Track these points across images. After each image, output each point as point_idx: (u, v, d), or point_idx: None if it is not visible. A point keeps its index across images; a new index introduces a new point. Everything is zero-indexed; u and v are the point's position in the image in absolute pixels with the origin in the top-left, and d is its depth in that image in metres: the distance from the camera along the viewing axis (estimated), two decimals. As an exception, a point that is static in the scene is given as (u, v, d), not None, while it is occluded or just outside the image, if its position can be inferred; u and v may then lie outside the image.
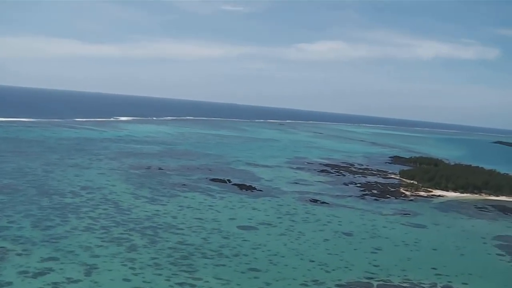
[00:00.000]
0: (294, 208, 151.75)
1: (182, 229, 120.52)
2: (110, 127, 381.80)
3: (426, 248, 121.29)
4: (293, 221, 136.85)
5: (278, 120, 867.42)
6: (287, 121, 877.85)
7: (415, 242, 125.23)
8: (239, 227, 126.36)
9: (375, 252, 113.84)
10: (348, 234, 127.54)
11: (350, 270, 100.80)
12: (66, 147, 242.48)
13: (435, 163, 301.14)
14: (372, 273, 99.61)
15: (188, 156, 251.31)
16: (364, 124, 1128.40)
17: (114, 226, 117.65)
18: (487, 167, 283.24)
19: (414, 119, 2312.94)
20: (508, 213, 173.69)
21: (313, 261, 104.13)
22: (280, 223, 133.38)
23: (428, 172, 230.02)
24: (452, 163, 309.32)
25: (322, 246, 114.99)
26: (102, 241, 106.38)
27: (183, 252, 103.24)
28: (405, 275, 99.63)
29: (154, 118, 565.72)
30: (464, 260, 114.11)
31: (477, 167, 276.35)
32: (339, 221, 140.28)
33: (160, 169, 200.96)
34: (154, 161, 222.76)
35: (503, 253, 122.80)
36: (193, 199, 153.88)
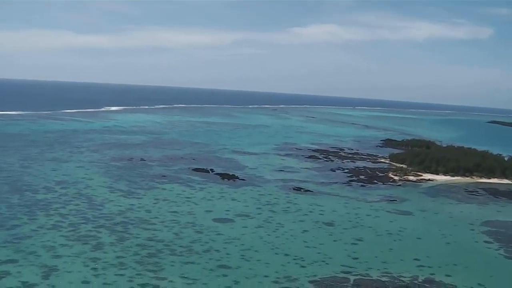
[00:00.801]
0: (275, 198, 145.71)
1: (154, 224, 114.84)
2: (99, 118, 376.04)
3: (410, 237, 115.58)
4: (273, 211, 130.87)
5: (271, 105, 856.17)
6: (281, 106, 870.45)
7: (399, 231, 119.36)
8: (215, 219, 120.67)
9: (356, 243, 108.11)
10: (329, 224, 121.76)
11: (327, 264, 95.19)
12: (49, 140, 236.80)
13: (427, 145, 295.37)
14: (350, 267, 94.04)
15: (173, 145, 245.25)
16: (359, 107, 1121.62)
17: (83, 223, 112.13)
18: (480, 148, 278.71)
19: (410, 101, 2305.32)
20: (499, 197, 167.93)
21: (288, 255, 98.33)
22: (258, 214, 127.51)
23: (419, 155, 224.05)
24: (445, 145, 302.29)
25: (300, 238, 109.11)
26: (67, 240, 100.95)
27: (151, 250, 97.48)
28: (385, 268, 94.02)
29: (145, 107, 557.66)
30: (449, 250, 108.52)
31: (470, 148, 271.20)
32: (321, 210, 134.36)
33: (142, 160, 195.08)
34: (138, 151, 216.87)
35: (491, 240, 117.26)
36: (171, 191, 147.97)
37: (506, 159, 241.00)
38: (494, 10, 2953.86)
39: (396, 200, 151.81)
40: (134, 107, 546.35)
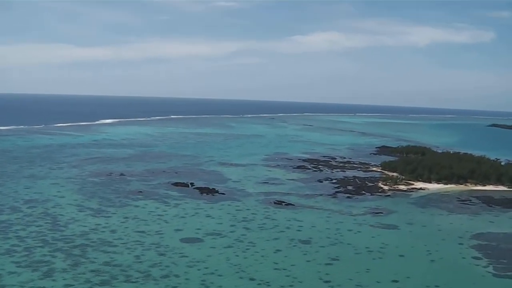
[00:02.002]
0: (253, 213, 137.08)
1: (116, 246, 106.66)
2: (90, 131, 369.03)
3: (392, 255, 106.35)
4: (247, 229, 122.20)
5: (269, 114, 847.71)
6: (279, 114, 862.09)
7: (381, 248, 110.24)
8: (182, 239, 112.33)
9: (331, 264, 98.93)
10: (306, 242, 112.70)
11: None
12: (32, 156, 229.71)
13: (423, 151, 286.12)
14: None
15: (159, 158, 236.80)
16: (360, 114, 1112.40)
17: (40, 247, 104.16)
18: (478, 152, 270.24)
19: (412, 106, 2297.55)
20: (492, 205, 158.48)
21: (253, 280, 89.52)
22: (231, 232, 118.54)
23: (411, 163, 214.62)
24: (442, 151, 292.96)
25: (270, 259, 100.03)
26: (17, 266, 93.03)
27: (104, 276, 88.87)
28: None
29: (140, 119, 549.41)
30: (432, 268, 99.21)
31: (466, 154, 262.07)
32: (300, 226, 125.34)
33: (121, 175, 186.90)
34: (120, 166, 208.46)
35: (480, 255, 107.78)
36: (144, 208, 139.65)
37: (503, 164, 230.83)
38: (495, 13, 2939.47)
39: (382, 213, 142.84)
40: (129, 119, 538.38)
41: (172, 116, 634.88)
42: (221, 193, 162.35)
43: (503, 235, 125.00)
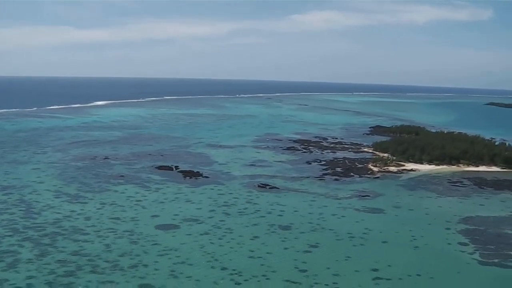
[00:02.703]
0: (235, 198, 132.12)
1: (87, 234, 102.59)
2: (81, 114, 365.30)
3: (375, 241, 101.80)
4: (226, 214, 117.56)
5: (266, 94, 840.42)
6: (276, 94, 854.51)
7: (364, 234, 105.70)
8: (158, 226, 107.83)
9: (309, 251, 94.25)
10: (286, 228, 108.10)
11: (268, 279, 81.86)
12: (17, 140, 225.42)
13: (416, 131, 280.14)
14: (294, 282, 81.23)
15: (147, 141, 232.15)
16: (357, 93, 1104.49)
17: (9, 236, 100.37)
18: (474, 132, 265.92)
19: (411, 84, 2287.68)
20: (484, 187, 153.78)
21: (225, 269, 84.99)
22: (209, 218, 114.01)
23: (403, 143, 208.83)
24: (436, 131, 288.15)
25: (246, 247, 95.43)
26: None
27: (70, 267, 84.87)
28: (334, 283, 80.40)
29: (134, 101, 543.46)
30: (416, 256, 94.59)
31: (460, 133, 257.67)
32: (281, 211, 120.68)
33: (106, 158, 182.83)
34: (106, 149, 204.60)
35: (467, 241, 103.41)
36: (123, 193, 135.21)
37: (497, 143, 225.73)
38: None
39: (369, 196, 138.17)
40: (123, 101, 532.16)
41: (166, 97, 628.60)
42: (205, 177, 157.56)
43: (492, 218, 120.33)
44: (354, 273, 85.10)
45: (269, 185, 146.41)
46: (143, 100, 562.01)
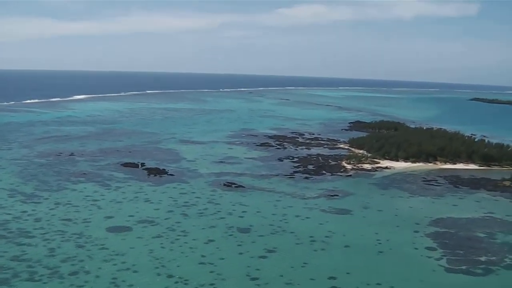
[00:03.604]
0: (197, 197, 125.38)
1: (33, 237, 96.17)
2: (57, 108, 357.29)
3: (337, 245, 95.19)
4: (185, 215, 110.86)
5: (249, 88, 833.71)
6: (259, 88, 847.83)
7: (326, 237, 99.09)
8: (109, 228, 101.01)
9: (265, 257, 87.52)
10: (244, 231, 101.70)
11: (215, 288, 72.94)
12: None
13: (396, 127, 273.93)
14: (242, 293, 71.76)
15: (118, 136, 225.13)
16: (343, 87, 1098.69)
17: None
18: (456, 127, 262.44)
19: (397, 79, 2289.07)
20: (459, 186, 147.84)
21: (171, 277, 78.29)
22: (166, 219, 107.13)
23: (379, 139, 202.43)
24: (416, 126, 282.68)
25: (198, 252, 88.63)
26: None
27: (7, 274, 79.72)
28: (285, 293, 71.92)
29: (114, 95, 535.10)
30: (378, 262, 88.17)
31: (439, 130, 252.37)
32: (243, 212, 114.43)
33: (71, 155, 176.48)
34: (74, 145, 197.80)
35: (435, 245, 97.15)
36: (81, 192, 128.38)
37: (476, 140, 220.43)
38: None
39: (338, 195, 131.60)
40: (104, 95, 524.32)
41: (148, 91, 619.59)
42: (170, 174, 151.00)
43: (465, 220, 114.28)
44: (309, 281, 78.80)
45: (235, 184, 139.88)
46: (124, 94, 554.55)
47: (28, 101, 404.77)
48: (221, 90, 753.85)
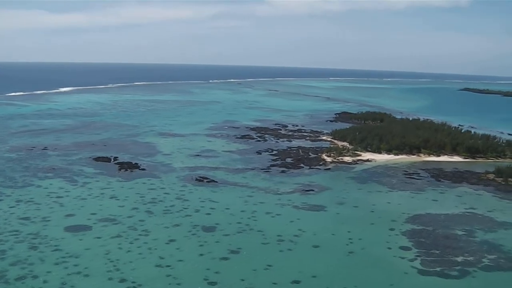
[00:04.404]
0: (166, 193, 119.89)
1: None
2: (39, 100, 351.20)
3: (305, 245, 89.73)
4: (149, 213, 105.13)
5: (238, 79, 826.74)
6: (248, 79, 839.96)
7: (295, 236, 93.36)
8: (68, 228, 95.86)
9: (227, 259, 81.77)
10: (209, 229, 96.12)
11: (168, 294, 67.39)
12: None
13: (382, 118, 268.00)
14: (198, 299, 66.26)
15: (96, 129, 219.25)
16: (333, 78, 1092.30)
17: None
18: (445, 118, 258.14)
19: (390, 70, 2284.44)
20: (441, 180, 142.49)
21: (124, 281, 73.01)
22: (129, 217, 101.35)
23: (362, 131, 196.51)
24: (404, 117, 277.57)
25: (157, 253, 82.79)
26: None
27: None
28: (245, 299, 66.36)
29: (99, 87, 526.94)
30: (348, 264, 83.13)
31: (426, 121, 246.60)
32: (211, 209, 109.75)
33: (44, 149, 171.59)
34: (49, 139, 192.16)
35: (410, 244, 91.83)
36: (46, 188, 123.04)
37: (463, 131, 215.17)
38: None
39: (313, 190, 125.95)
40: (90, 87, 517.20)
41: (136, 83, 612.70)
42: (141, 169, 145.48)
43: (443, 217, 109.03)
44: (271, 285, 72.78)
45: (207, 179, 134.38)
46: (111, 86, 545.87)
47: (12, 93, 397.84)
48: (210, 81, 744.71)
